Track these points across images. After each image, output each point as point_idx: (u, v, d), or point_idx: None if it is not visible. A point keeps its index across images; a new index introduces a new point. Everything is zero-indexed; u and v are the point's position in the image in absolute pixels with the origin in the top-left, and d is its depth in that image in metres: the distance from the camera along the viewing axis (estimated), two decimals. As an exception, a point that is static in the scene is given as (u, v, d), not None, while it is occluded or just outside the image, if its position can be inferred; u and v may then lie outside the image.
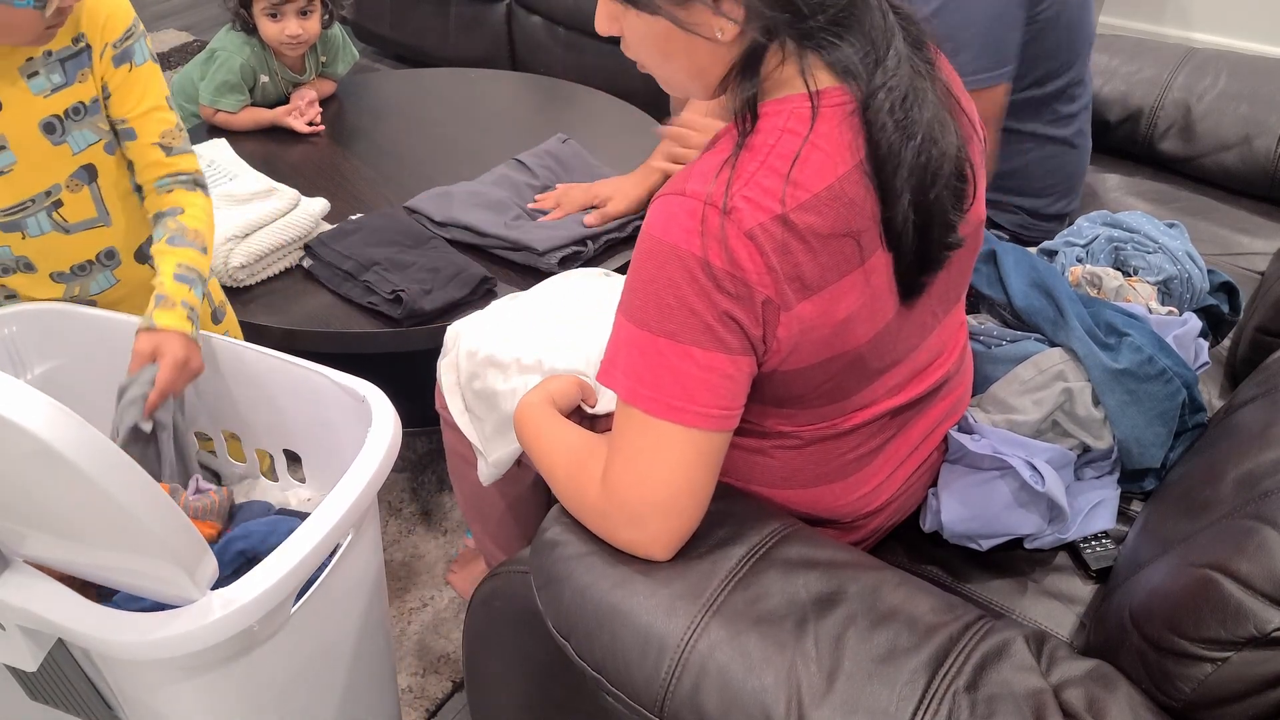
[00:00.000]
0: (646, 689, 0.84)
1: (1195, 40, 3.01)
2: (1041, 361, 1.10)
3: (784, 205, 0.80)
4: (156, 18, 3.55)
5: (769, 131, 0.82)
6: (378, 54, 3.31)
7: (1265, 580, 0.76)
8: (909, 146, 0.82)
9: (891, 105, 0.81)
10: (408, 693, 1.48)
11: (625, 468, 0.87)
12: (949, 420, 1.09)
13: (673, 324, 0.82)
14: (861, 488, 1.03)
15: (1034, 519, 1.06)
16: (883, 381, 0.96)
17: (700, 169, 0.83)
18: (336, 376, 1.17)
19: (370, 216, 1.69)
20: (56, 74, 1.09)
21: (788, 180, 0.80)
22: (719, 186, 0.80)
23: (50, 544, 0.94)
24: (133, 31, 1.15)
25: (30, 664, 0.96)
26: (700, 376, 0.83)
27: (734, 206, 0.79)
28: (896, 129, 0.81)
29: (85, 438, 0.77)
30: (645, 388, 0.84)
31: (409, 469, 1.84)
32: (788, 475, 1.01)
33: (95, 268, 1.26)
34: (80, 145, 1.16)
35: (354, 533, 1.07)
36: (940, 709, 0.77)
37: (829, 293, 0.84)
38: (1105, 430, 1.09)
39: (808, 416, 0.96)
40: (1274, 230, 1.65)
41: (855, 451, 1.00)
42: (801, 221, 0.80)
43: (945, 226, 0.88)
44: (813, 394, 0.93)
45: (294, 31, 1.97)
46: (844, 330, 0.87)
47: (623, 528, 0.89)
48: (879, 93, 0.81)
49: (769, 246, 0.80)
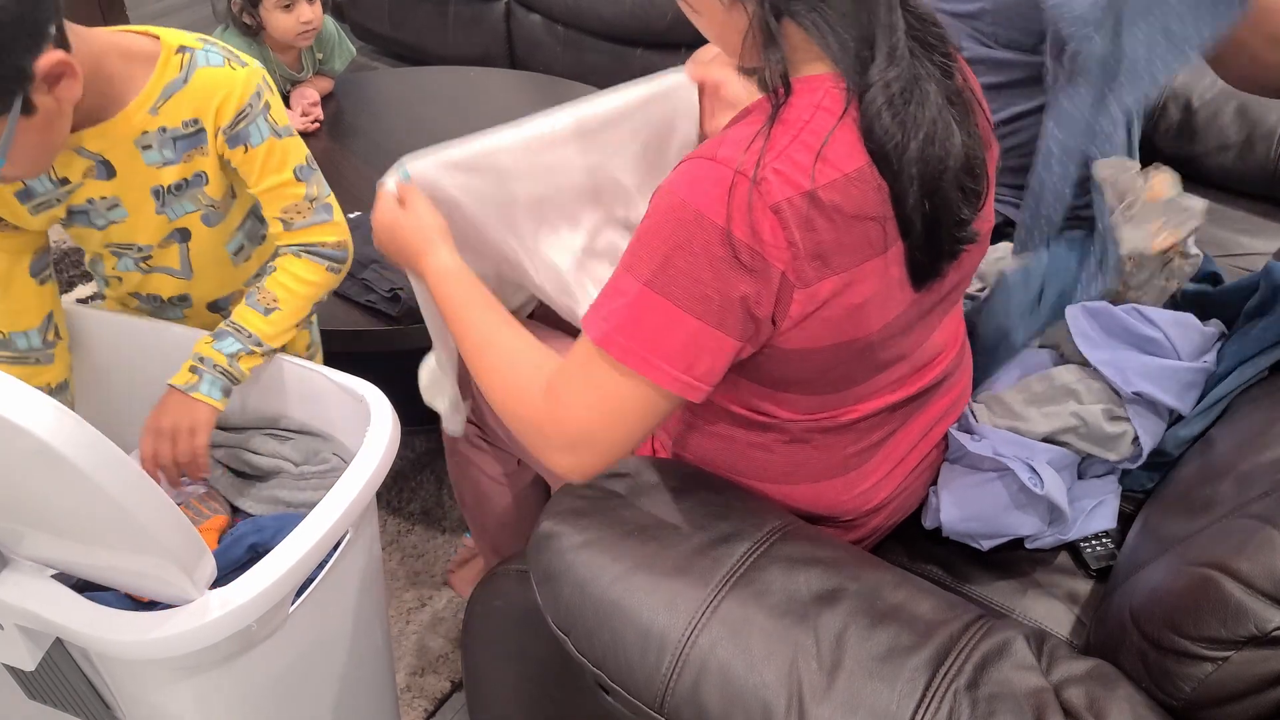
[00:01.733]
0: (647, 685, 0.84)
1: (1194, 40, 3.01)
2: (1056, 376, 1.10)
3: (813, 181, 0.80)
4: (155, 16, 3.55)
5: (803, 107, 0.82)
6: (376, 52, 3.31)
7: (1265, 579, 0.76)
8: (911, 144, 0.82)
9: (890, 100, 0.81)
10: (407, 692, 1.48)
11: (577, 399, 0.88)
12: (949, 417, 1.09)
13: (676, 287, 0.82)
14: (862, 484, 1.03)
15: (1033, 520, 1.06)
16: (887, 374, 0.96)
17: (734, 136, 0.83)
18: (335, 376, 1.17)
19: (368, 214, 1.68)
20: (169, 150, 1.11)
21: (819, 157, 0.80)
22: (751, 156, 0.80)
23: (49, 543, 0.93)
24: (247, 113, 1.11)
25: (29, 663, 0.96)
26: (682, 342, 0.84)
27: (763, 178, 0.79)
28: (890, 128, 0.81)
29: (85, 438, 0.77)
30: (623, 336, 0.85)
31: (409, 468, 1.84)
32: (789, 470, 1.01)
33: (166, 306, 1.28)
34: (177, 214, 1.17)
35: (352, 531, 1.07)
36: (941, 708, 0.77)
37: (849, 275, 0.84)
38: (1117, 445, 1.09)
39: (809, 404, 0.96)
40: (1274, 230, 1.64)
41: (855, 445, 1.00)
42: (829, 199, 0.81)
43: (956, 222, 0.88)
44: (818, 379, 0.93)
45: (307, 18, 1.97)
46: (858, 315, 0.87)
47: (558, 450, 0.90)
48: (874, 88, 0.81)
49: (794, 221, 0.80)
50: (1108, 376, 1.08)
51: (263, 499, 1.22)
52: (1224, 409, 1.10)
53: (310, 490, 1.20)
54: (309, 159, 1.19)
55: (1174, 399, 1.09)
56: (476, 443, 1.34)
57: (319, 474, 1.21)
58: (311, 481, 1.21)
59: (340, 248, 1.23)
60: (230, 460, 1.25)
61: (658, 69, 1.20)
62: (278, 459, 1.23)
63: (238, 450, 1.24)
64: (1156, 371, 1.08)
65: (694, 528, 0.92)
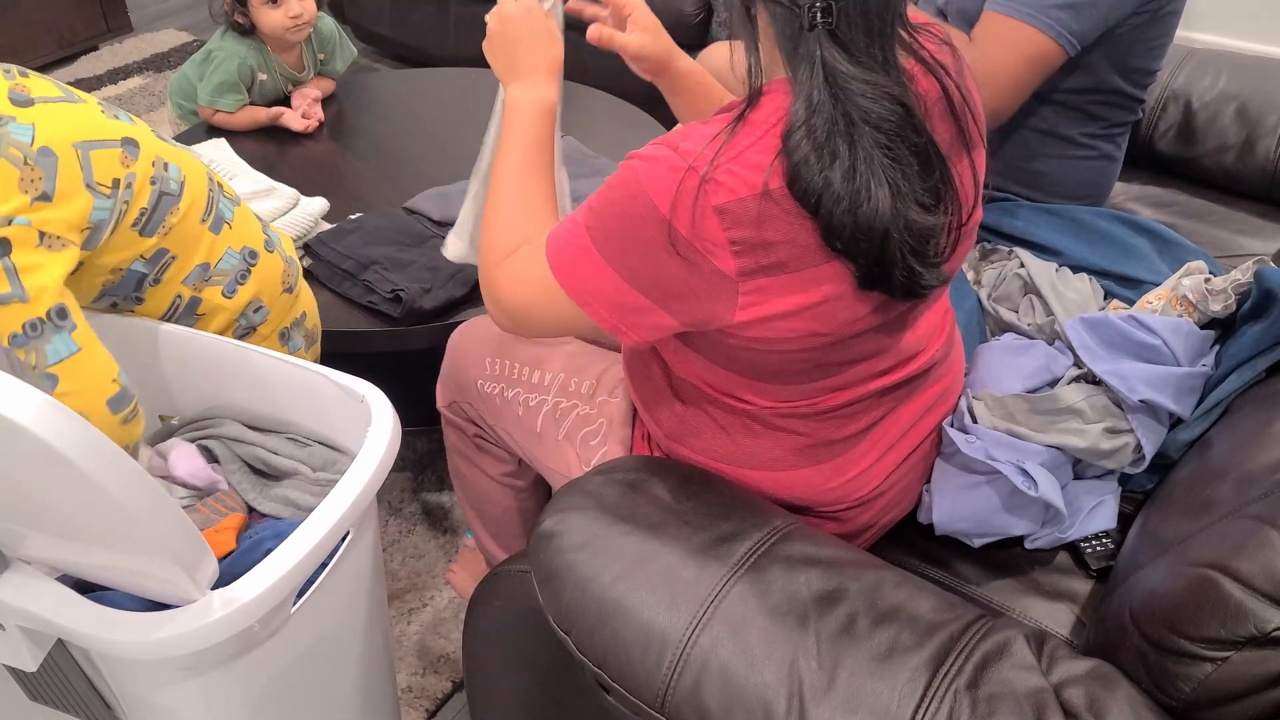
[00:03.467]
0: (648, 684, 0.84)
1: (1195, 40, 3.01)
2: (1061, 397, 1.10)
3: (768, 182, 0.81)
4: (155, 18, 3.55)
5: (772, 109, 0.83)
6: (377, 54, 3.31)
7: (1265, 580, 0.76)
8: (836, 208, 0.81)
9: (804, 159, 0.80)
10: (408, 692, 1.48)
11: (526, 281, 0.96)
12: (940, 406, 1.09)
13: (611, 247, 0.89)
14: (849, 470, 1.03)
15: (1025, 522, 1.06)
16: (866, 365, 0.97)
17: (702, 130, 0.85)
18: (335, 376, 1.17)
19: (369, 216, 1.69)
20: None
21: (779, 155, 0.81)
22: (708, 154, 0.82)
23: (50, 544, 0.94)
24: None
25: (30, 664, 0.96)
26: (610, 294, 0.90)
27: (714, 178, 0.81)
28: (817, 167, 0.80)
29: (85, 437, 0.77)
30: (567, 269, 0.92)
31: (409, 469, 1.84)
32: (774, 456, 1.01)
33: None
34: None
35: (354, 531, 1.07)
36: (941, 707, 0.77)
37: (807, 274, 0.85)
38: (1117, 456, 1.09)
39: (785, 393, 0.97)
40: (1274, 231, 1.64)
41: (839, 432, 1.01)
42: (784, 195, 0.81)
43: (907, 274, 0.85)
44: (791, 370, 0.94)
45: (295, 12, 1.96)
46: (819, 312, 0.87)
47: (494, 305, 1.01)
48: (796, 132, 0.80)
49: (743, 220, 0.82)
50: (1113, 386, 1.09)
51: (275, 498, 1.22)
52: (1222, 412, 1.10)
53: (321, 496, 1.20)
54: (30, 325, 1.00)
55: (1176, 404, 1.09)
56: (477, 443, 1.34)
57: (333, 482, 1.21)
58: (325, 488, 1.21)
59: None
60: (250, 458, 1.25)
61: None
62: (295, 461, 1.23)
63: (258, 449, 1.24)
64: (1159, 379, 1.09)
65: (695, 527, 0.92)
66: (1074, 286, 1.29)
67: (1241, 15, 3.03)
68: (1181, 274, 1.25)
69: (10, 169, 0.98)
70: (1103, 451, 1.08)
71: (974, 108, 0.93)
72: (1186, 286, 1.21)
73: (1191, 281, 1.21)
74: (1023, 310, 1.30)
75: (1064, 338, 1.18)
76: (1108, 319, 1.15)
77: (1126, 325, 1.14)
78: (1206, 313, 1.19)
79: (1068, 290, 1.28)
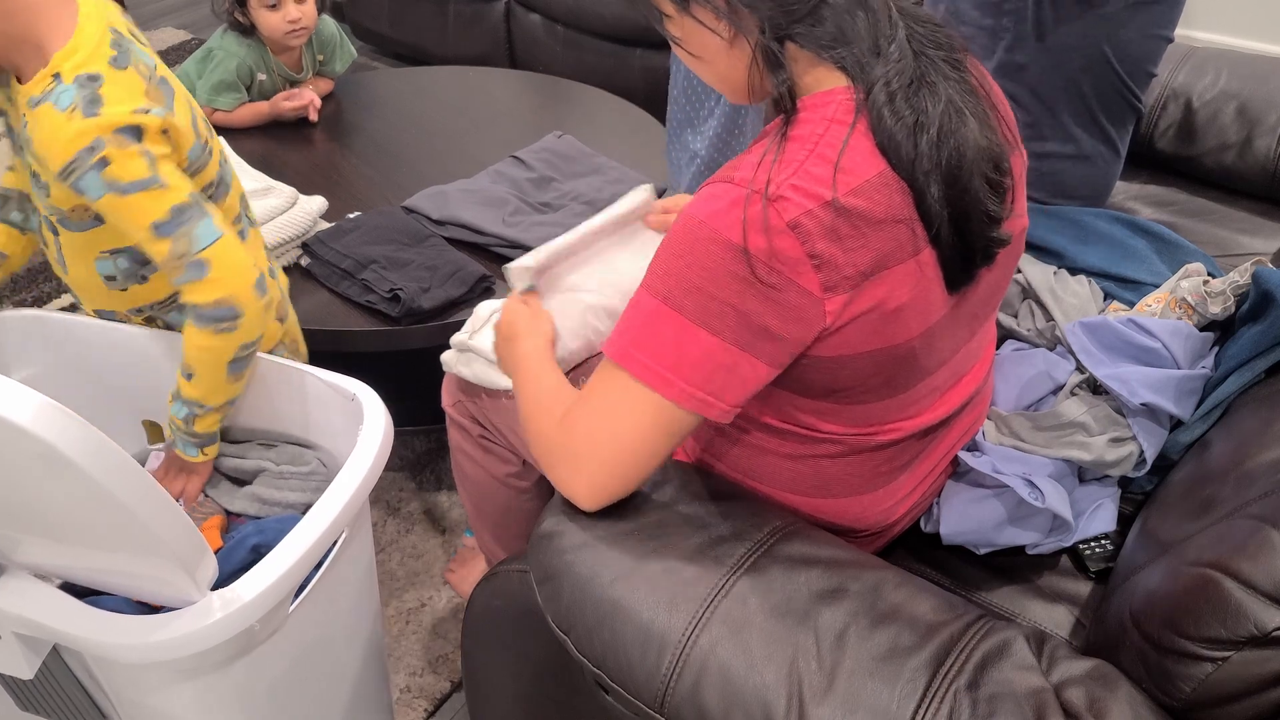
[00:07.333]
0: (647, 685, 0.84)
1: (1195, 39, 3.01)
2: (1064, 412, 1.10)
3: (835, 191, 0.80)
4: (154, 15, 3.55)
5: (815, 122, 0.83)
6: (376, 52, 3.31)
7: (1266, 580, 0.76)
8: (922, 137, 0.82)
9: (891, 96, 0.82)
10: (406, 692, 1.48)
11: (587, 412, 0.89)
12: (965, 438, 1.10)
13: (690, 301, 0.83)
14: (886, 501, 1.04)
15: (1032, 533, 1.07)
16: (927, 383, 0.96)
17: (748, 159, 0.84)
18: (325, 375, 1.17)
19: (368, 215, 1.69)
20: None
21: (837, 167, 0.81)
22: (762, 173, 0.81)
23: (46, 548, 0.93)
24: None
25: (27, 671, 0.96)
26: (697, 357, 0.84)
27: (780, 195, 0.80)
28: (897, 121, 0.81)
29: (87, 438, 0.77)
30: (639, 351, 0.85)
31: (408, 468, 1.84)
32: (821, 484, 1.01)
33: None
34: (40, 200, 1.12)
35: (349, 530, 1.07)
36: (941, 708, 0.77)
37: (882, 279, 0.84)
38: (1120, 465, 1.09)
39: (853, 415, 0.95)
40: (1274, 230, 1.64)
41: (888, 465, 1.01)
42: (853, 206, 0.81)
43: (985, 218, 0.87)
44: (859, 386, 0.92)
45: (294, 16, 1.96)
46: (896, 320, 0.87)
47: (561, 463, 0.91)
48: (876, 86, 0.82)
49: (816, 233, 0.80)
50: (1114, 390, 1.09)
51: (245, 495, 1.22)
52: (1222, 413, 1.10)
53: (289, 490, 1.20)
54: (177, 210, 1.03)
55: (1176, 406, 1.09)
56: (480, 443, 1.34)
57: (300, 475, 1.21)
58: (290, 482, 1.21)
59: (221, 305, 1.07)
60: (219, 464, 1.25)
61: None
62: (261, 460, 1.23)
63: (226, 458, 1.24)
64: (1159, 382, 1.09)
65: (695, 527, 0.92)
66: (1073, 290, 1.29)
67: (1241, 14, 3.03)
68: (1180, 276, 1.25)
69: (139, 80, 1.03)
70: (1108, 462, 1.08)
71: (1004, 110, 0.93)
72: (1185, 289, 1.21)
73: (1190, 284, 1.21)
74: (1021, 316, 1.30)
75: (1065, 342, 1.18)
76: (1107, 323, 1.15)
77: (1126, 329, 1.14)
78: (1205, 315, 1.19)
79: (1067, 294, 1.28)
